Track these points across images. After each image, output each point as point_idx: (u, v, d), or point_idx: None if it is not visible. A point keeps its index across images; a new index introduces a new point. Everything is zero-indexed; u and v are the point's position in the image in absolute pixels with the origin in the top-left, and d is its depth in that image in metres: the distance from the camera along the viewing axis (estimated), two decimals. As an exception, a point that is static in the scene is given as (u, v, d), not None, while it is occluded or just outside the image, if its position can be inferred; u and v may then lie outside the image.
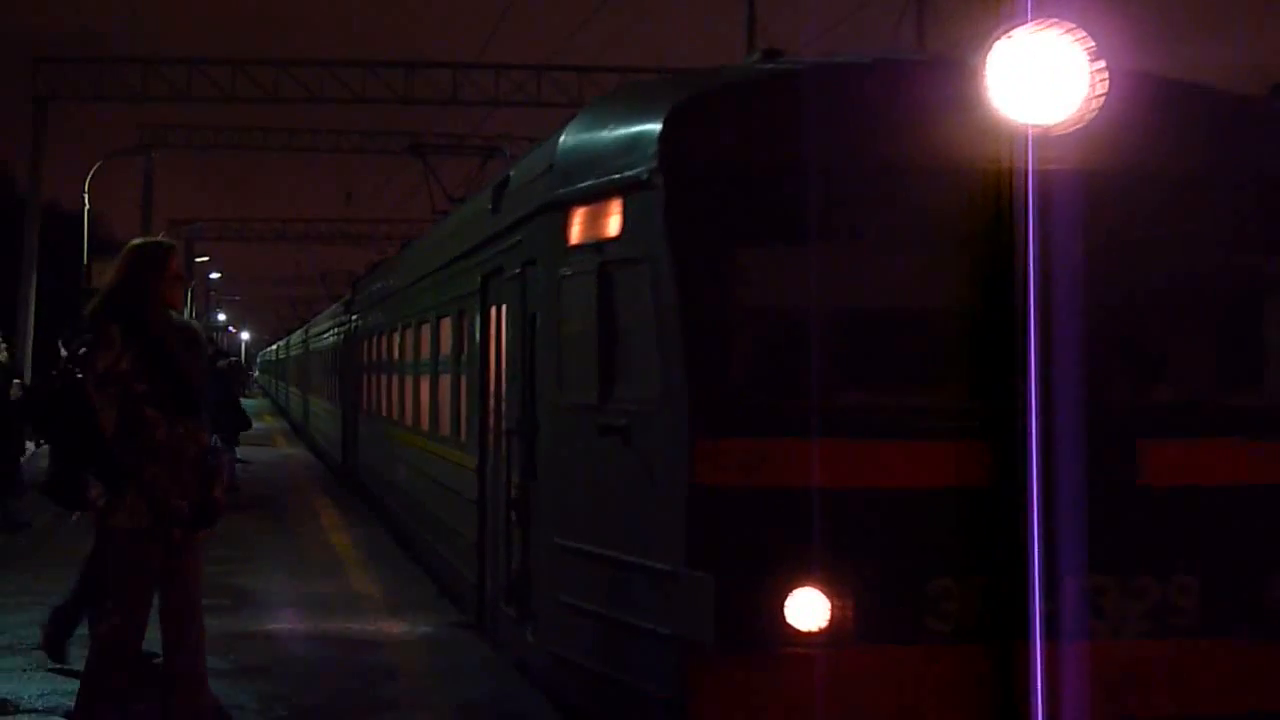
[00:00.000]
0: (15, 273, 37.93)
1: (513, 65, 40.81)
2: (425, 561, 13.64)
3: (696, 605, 6.04)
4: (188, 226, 66.03)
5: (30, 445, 21.77)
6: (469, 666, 9.22)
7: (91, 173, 44.26)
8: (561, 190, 7.37)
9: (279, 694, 8.35)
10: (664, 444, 6.31)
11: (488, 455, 9.64)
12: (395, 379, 15.76)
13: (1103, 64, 5.99)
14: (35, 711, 7.93)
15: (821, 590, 5.98)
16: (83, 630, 9.29)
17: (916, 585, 6.07)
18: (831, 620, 5.99)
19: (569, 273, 7.23)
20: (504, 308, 9.09)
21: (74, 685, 7.98)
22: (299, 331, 45.52)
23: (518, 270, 8.46)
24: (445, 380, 11.81)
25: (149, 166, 54.77)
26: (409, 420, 14.42)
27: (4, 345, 16.85)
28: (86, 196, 43.41)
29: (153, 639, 7.80)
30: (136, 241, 7.05)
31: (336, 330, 25.85)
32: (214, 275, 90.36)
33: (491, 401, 9.53)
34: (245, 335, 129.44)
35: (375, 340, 18.26)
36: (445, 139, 27.71)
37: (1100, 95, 5.99)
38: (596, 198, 6.97)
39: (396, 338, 15.73)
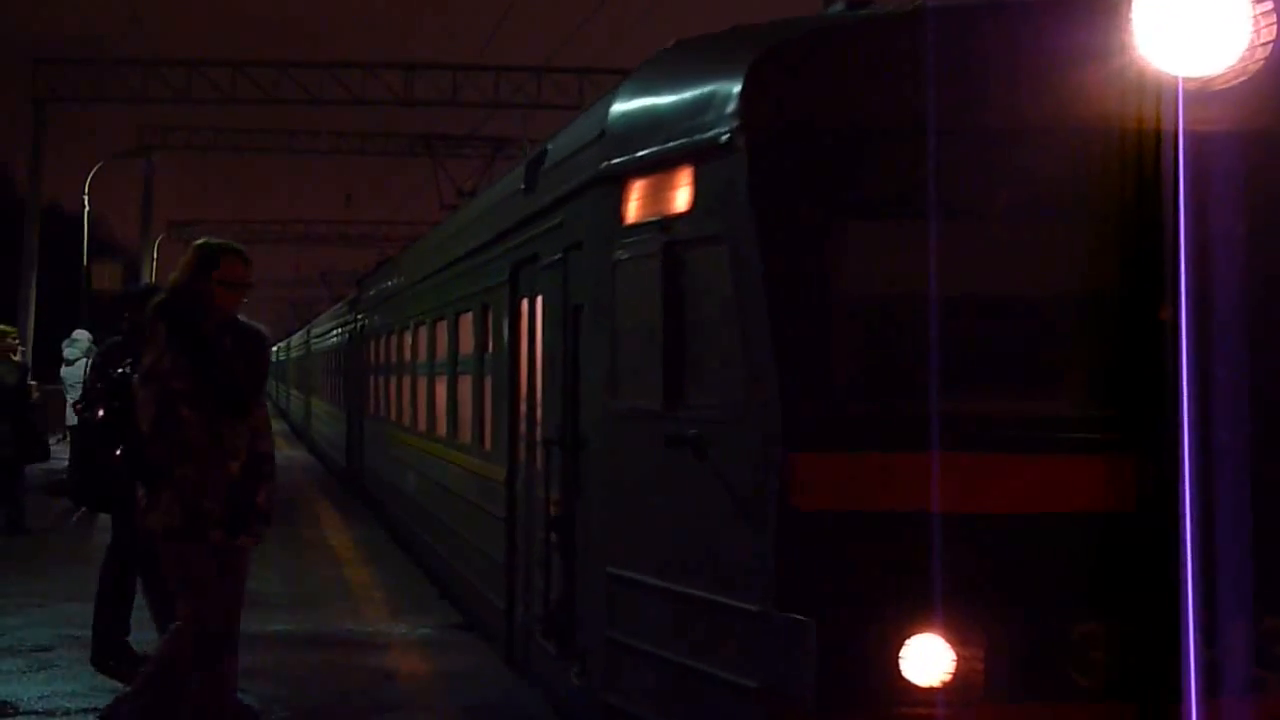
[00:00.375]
0: (15, 273, 37.98)
1: (513, 67, 40.69)
2: (428, 566, 12.88)
3: (792, 654, 5.00)
4: (188, 228, 65.29)
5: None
6: (472, 669, 9.02)
7: (92, 174, 43.94)
8: (616, 160, 6.32)
9: (279, 696, 8.17)
10: (748, 459, 5.28)
11: (519, 467, 8.59)
12: (407, 381, 14.74)
13: (1269, 6, 5.08)
14: (35, 713, 7.80)
15: (944, 637, 4.95)
16: (77, 631, 9.23)
17: (1057, 632, 5.03)
18: (955, 673, 4.96)
19: (625, 256, 6.18)
20: (539, 300, 8.04)
21: (73, 687, 8.24)
22: (300, 332, 44.85)
23: (558, 256, 7.40)
24: (466, 382, 10.76)
25: (149, 168, 54.43)
26: (422, 425, 13.40)
27: (20, 345, 16.09)
28: (86, 198, 43.12)
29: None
30: (198, 241, 6.96)
31: (341, 330, 25.00)
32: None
33: (523, 406, 8.48)
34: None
35: (384, 340, 17.26)
36: (445, 141, 27.48)
37: (1266, 43, 5.07)
38: (660, 167, 5.92)
39: (408, 337, 14.70)
